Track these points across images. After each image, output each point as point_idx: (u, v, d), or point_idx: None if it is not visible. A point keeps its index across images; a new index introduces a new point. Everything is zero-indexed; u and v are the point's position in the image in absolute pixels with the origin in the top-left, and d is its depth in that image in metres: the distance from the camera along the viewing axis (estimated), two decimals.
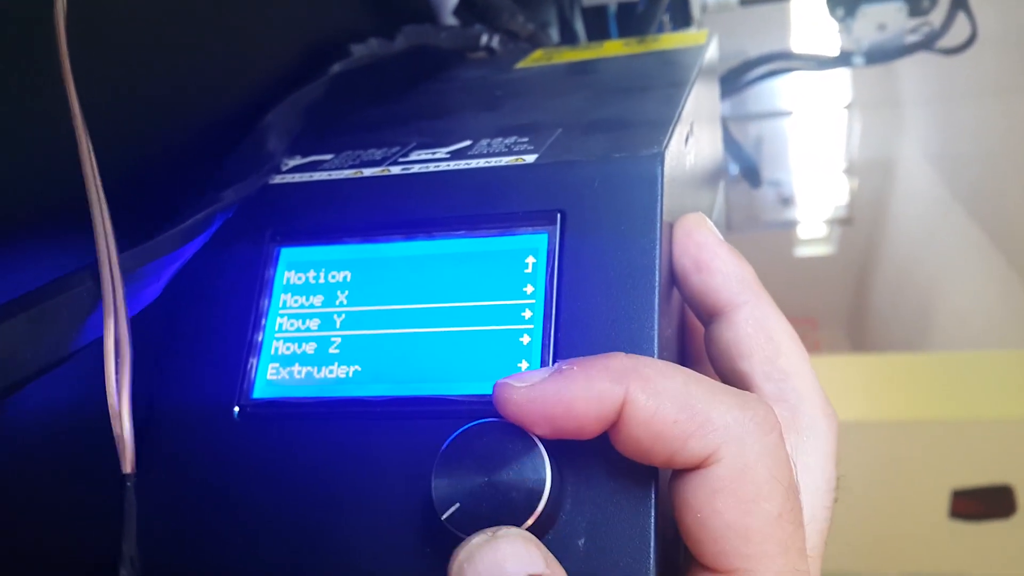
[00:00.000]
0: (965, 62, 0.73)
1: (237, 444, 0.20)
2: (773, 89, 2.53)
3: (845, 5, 0.69)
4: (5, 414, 0.18)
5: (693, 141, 0.27)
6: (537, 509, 0.17)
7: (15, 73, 0.18)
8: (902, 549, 1.30)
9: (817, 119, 2.80)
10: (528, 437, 0.17)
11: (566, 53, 0.37)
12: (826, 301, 3.41)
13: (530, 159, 0.22)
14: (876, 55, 0.68)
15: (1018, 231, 1.86)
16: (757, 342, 0.21)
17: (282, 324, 0.22)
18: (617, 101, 0.26)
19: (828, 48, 0.71)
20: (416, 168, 0.23)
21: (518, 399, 0.17)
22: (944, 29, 0.65)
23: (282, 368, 0.21)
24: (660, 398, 0.17)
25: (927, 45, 0.67)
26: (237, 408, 0.21)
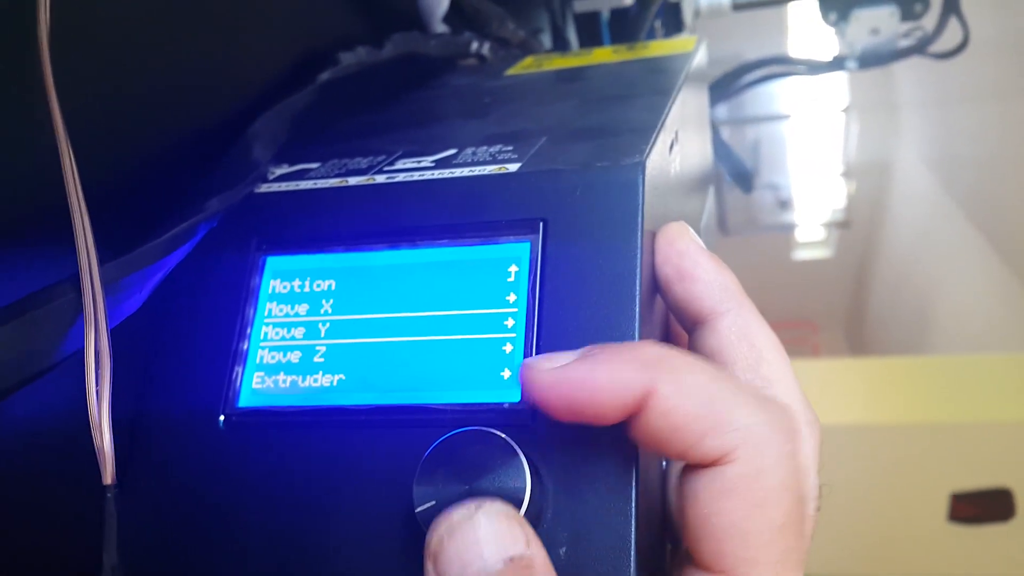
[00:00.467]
0: (961, 66, 0.73)
1: (222, 453, 0.20)
2: (770, 93, 2.54)
3: (838, 10, 0.69)
4: None
5: (678, 148, 0.27)
6: None
7: None
8: (901, 552, 1.30)
9: (814, 123, 2.81)
10: (509, 446, 0.17)
11: (556, 60, 0.37)
12: (824, 304, 3.41)
13: (513, 168, 0.22)
14: (869, 59, 0.69)
15: (1016, 233, 1.86)
16: (740, 350, 0.21)
17: (267, 333, 0.22)
18: (602, 109, 0.26)
19: (822, 52, 0.72)
20: (401, 177, 0.23)
21: (543, 380, 0.17)
22: (936, 33, 0.66)
23: (267, 377, 0.21)
24: (685, 392, 0.17)
25: (920, 49, 0.67)
26: (223, 417, 0.21)
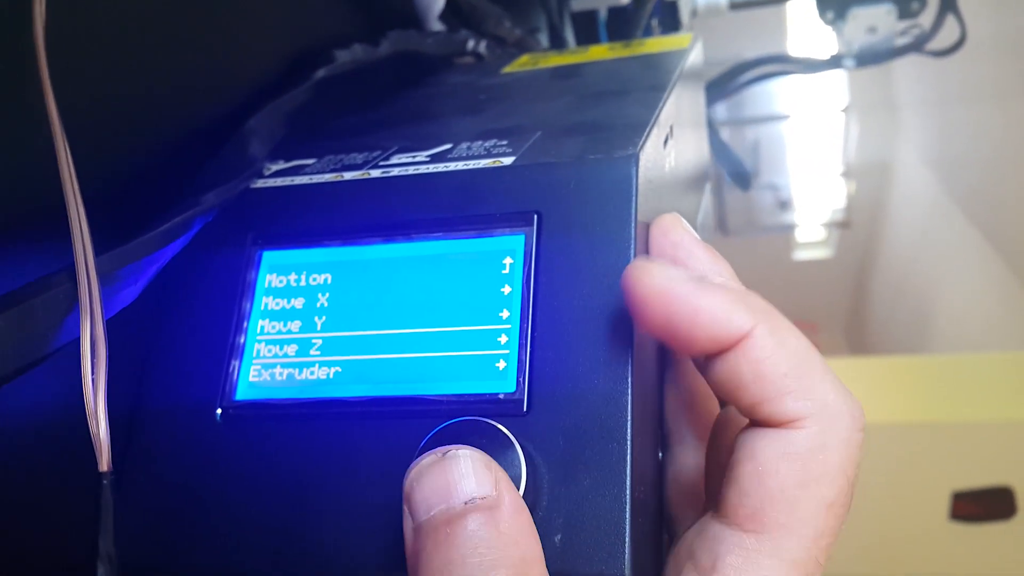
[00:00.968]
0: (960, 66, 0.73)
1: (220, 446, 0.21)
2: (770, 93, 2.54)
3: (835, 8, 0.69)
4: None
5: (673, 143, 0.27)
6: None
7: None
8: (903, 551, 1.30)
9: (814, 123, 2.81)
10: (504, 436, 0.18)
11: (552, 58, 0.38)
12: (825, 304, 3.41)
13: (508, 161, 0.22)
14: (867, 57, 0.69)
15: (1016, 233, 1.86)
16: None
17: (264, 327, 0.22)
18: (597, 104, 0.27)
19: (820, 51, 0.72)
20: (396, 171, 0.23)
21: (652, 284, 0.17)
22: (934, 31, 0.66)
23: (264, 370, 0.21)
24: (782, 347, 0.17)
25: (917, 47, 0.67)
26: (220, 410, 0.21)
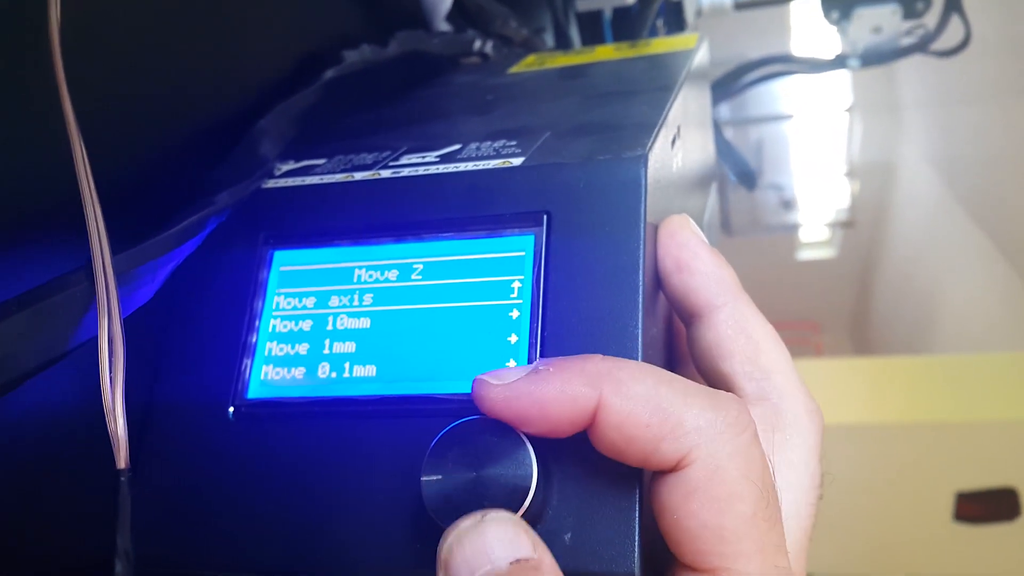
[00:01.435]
0: (964, 66, 0.73)
1: (232, 444, 0.21)
2: (774, 93, 2.54)
3: (840, 8, 0.69)
4: (2, 411, 0.18)
5: (680, 144, 0.27)
6: (524, 505, 0.17)
7: (9, 75, 0.18)
8: (906, 552, 1.30)
9: (818, 122, 2.80)
10: (516, 434, 0.18)
11: (559, 58, 0.38)
12: (828, 304, 3.40)
13: (517, 162, 0.22)
14: (871, 57, 0.69)
15: (1019, 233, 1.86)
16: (737, 343, 0.21)
17: (275, 326, 0.22)
18: (605, 105, 0.27)
19: (825, 51, 0.72)
20: (406, 172, 0.23)
21: (494, 396, 0.17)
22: (938, 31, 0.66)
23: (276, 369, 0.21)
24: (632, 402, 0.17)
25: (922, 47, 0.67)
26: (232, 408, 0.21)
